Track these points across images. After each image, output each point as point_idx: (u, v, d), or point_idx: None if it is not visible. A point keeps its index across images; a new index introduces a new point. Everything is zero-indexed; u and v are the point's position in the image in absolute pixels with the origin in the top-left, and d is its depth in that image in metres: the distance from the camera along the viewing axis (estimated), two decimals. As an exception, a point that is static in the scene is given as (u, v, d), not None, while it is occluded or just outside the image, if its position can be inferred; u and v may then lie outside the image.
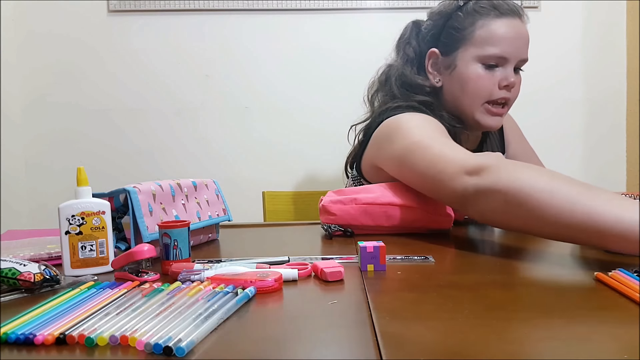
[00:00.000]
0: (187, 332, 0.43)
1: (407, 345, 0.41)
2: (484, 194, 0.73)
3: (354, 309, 0.51)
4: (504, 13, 0.99)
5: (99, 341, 0.43)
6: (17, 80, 1.71)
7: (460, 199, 0.78)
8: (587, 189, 0.67)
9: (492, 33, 0.99)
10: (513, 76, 1.00)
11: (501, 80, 1.00)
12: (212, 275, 0.61)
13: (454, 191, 0.78)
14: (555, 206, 0.66)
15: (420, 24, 1.11)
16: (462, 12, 1.02)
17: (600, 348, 0.41)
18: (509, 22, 0.99)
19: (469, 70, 1.01)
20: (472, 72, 1.00)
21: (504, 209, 0.71)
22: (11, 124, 1.69)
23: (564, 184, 0.68)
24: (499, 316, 0.49)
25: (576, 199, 0.65)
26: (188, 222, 0.70)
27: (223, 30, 1.74)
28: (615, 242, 0.63)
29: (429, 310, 0.50)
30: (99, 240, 0.70)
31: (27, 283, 0.59)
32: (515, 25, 1.00)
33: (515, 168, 0.73)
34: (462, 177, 0.77)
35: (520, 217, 0.70)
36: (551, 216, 0.66)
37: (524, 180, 0.69)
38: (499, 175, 0.72)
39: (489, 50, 0.99)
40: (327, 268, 0.62)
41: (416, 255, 0.74)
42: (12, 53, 1.69)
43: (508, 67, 1.00)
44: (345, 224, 0.92)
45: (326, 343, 0.43)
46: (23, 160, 1.74)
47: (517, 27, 1.00)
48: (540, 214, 0.67)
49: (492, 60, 0.99)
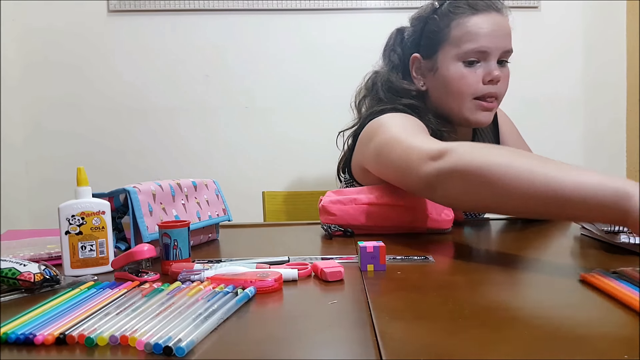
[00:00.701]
0: (187, 332, 0.43)
1: (407, 345, 0.41)
2: (445, 177, 0.73)
3: (354, 309, 0.51)
4: (480, 9, 0.99)
5: (99, 341, 0.43)
6: (16, 80, 1.71)
7: (426, 185, 0.78)
8: (545, 160, 0.66)
9: (467, 29, 0.98)
10: (497, 69, 0.98)
11: (485, 75, 0.99)
12: (212, 275, 0.61)
13: (419, 178, 0.78)
14: (514, 178, 0.65)
15: (404, 30, 1.12)
16: (438, 15, 1.02)
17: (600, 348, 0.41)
18: (484, 17, 0.99)
19: (450, 71, 1.00)
20: (454, 72, 1.00)
21: (465, 188, 0.71)
22: (11, 124, 1.69)
23: (522, 157, 0.68)
24: (499, 316, 0.49)
25: (534, 169, 0.65)
26: (188, 222, 0.70)
27: (223, 30, 1.74)
28: (576, 210, 0.62)
29: (429, 310, 0.50)
30: (99, 240, 0.70)
31: (27, 283, 0.59)
32: (491, 18, 0.99)
33: (474, 148, 0.73)
34: (426, 163, 0.77)
35: (482, 195, 0.70)
36: (511, 189, 0.66)
37: (481, 157, 0.70)
38: (458, 156, 0.72)
39: (466, 46, 0.98)
40: (327, 268, 0.62)
41: (416, 255, 0.74)
42: (12, 52, 1.69)
43: (490, 61, 0.99)
44: (345, 224, 0.92)
45: (326, 343, 0.43)
46: (23, 160, 1.74)
47: (494, 19, 0.99)
48: (499, 188, 0.67)
49: (472, 56, 0.99)
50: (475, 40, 0.98)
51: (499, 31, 0.99)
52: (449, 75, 1.01)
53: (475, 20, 0.98)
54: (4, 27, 1.66)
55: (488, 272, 0.66)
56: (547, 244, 0.84)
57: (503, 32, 0.99)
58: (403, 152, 0.84)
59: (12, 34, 1.69)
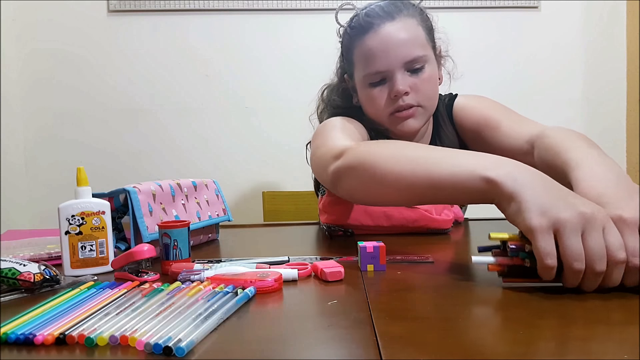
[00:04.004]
0: (187, 332, 0.43)
1: (407, 345, 0.41)
2: (342, 174, 0.76)
3: (354, 309, 0.51)
4: (370, 27, 0.96)
5: (99, 341, 0.43)
6: (16, 80, 1.71)
7: (331, 183, 0.80)
8: (432, 150, 0.69)
9: (363, 53, 0.97)
10: (401, 83, 0.95)
11: (389, 93, 0.97)
12: (212, 275, 0.61)
13: (327, 176, 0.80)
14: (399, 170, 0.68)
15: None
16: (344, 38, 1.03)
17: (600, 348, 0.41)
18: (374, 36, 0.96)
19: (362, 94, 1.01)
20: (364, 95, 1.01)
21: (358, 184, 0.74)
22: (11, 124, 1.69)
23: (408, 150, 0.70)
24: (499, 316, 0.49)
25: (418, 160, 0.67)
26: (188, 222, 0.70)
27: (223, 30, 1.74)
28: (452, 197, 0.65)
29: (429, 311, 0.50)
30: (99, 240, 0.70)
31: (27, 283, 0.59)
32: (381, 34, 0.95)
33: (369, 146, 0.76)
34: (331, 162, 0.79)
35: (373, 189, 0.73)
36: (396, 181, 0.68)
37: (370, 154, 0.72)
38: (352, 154, 0.75)
39: (366, 70, 0.97)
40: (327, 268, 0.62)
41: (416, 255, 0.74)
42: (12, 53, 1.69)
43: (395, 77, 0.95)
44: (345, 224, 0.92)
45: (326, 343, 0.43)
46: (23, 160, 1.74)
47: (385, 34, 0.95)
48: (387, 181, 0.69)
49: (373, 78, 0.97)
50: (370, 64, 0.96)
51: (391, 46, 0.95)
52: (362, 99, 1.02)
53: (366, 42, 0.96)
54: (4, 27, 1.66)
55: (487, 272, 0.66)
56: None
57: (399, 43, 0.95)
58: (321, 153, 0.86)
59: (12, 34, 1.69)
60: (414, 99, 0.97)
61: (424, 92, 0.98)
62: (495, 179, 0.58)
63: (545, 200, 0.54)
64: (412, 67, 0.96)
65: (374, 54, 0.95)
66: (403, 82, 0.95)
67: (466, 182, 0.61)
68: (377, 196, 0.75)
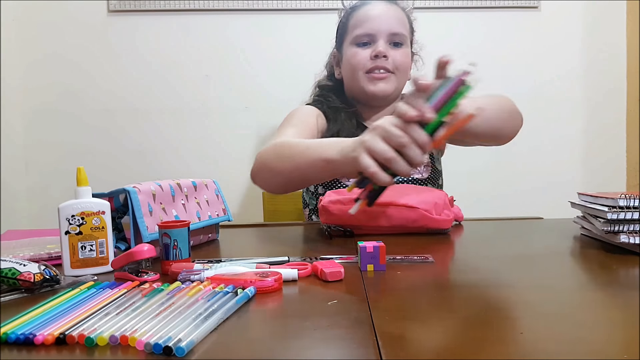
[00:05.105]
0: (187, 332, 0.43)
1: (407, 345, 0.41)
2: (253, 171, 1.01)
3: (354, 309, 0.51)
4: (367, 2, 1.19)
5: (99, 341, 0.43)
6: (16, 80, 1.71)
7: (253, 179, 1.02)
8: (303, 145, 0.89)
9: (358, 18, 1.19)
10: (383, 46, 1.15)
11: (372, 52, 1.17)
12: (212, 275, 0.61)
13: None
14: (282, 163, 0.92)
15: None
16: (343, 15, 1.25)
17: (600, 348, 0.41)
18: (372, 6, 1.18)
19: (347, 54, 1.21)
20: (348, 53, 1.21)
21: (262, 177, 0.99)
22: (11, 125, 1.69)
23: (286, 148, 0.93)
24: (499, 316, 0.49)
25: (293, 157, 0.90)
26: (188, 222, 0.70)
27: (223, 30, 1.74)
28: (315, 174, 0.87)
29: (429, 310, 0.50)
30: (99, 240, 0.70)
31: (27, 283, 0.59)
32: (379, 6, 1.18)
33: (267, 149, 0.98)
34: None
35: (272, 179, 0.97)
36: (282, 170, 0.93)
37: (264, 151, 0.98)
38: (258, 155, 1.00)
39: (356, 32, 1.18)
40: (327, 268, 0.62)
41: (416, 255, 0.74)
42: (12, 53, 1.69)
43: (379, 42, 1.16)
44: (345, 224, 0.92)
45: (326, 343, 0.43)
46: (23, 160, 1.74)
47: (382, 7, 1.18)
48: (276, 171, 0.94)
49: (362, 39, 1.18)
50: (362, 25, 1.18)
51: (384, 16, 1.17)
52: (347, 57, 1.21)
53: (364, 9, 1.19)
54: (4, 27, 1.66)
55: (488, 272, 0.66)
56: (547, 244, 0.84)
57: (388, 17, 1.17)
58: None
59: (12, 34, 1.69)
60: (390, 65, 1.17)
61: (399, 63, 1.18)
62: (329, 158, 0.80)
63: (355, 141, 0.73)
64: (394, 41, 1.18)
65: (368, 18, 1.17)
66: (384, 47, 1.16)
67: (316, 164, 0.83)
68: (277, 185, 0.98)
